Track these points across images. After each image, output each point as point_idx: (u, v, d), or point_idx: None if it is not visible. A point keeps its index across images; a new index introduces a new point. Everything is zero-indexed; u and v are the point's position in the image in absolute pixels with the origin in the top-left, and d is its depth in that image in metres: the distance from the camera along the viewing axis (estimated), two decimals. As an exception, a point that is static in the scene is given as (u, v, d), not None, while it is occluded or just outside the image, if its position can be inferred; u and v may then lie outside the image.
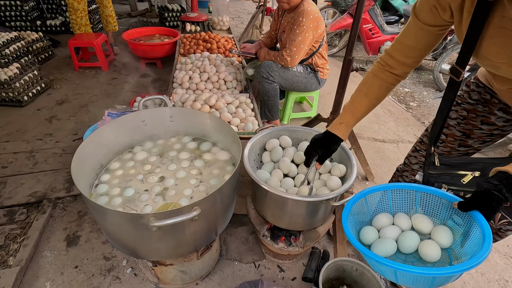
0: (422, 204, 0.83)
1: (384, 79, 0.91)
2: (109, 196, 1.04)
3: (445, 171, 0.86)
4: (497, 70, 0.73)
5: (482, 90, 0.95)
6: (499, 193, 0.64)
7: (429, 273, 0.62)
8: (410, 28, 0.82)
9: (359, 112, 0.95)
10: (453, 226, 0.77)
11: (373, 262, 0.71)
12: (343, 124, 0.97)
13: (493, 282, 1.44)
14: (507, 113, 0.90)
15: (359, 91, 0.96)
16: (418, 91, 3.66)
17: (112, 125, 1.15)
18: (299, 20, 1.85)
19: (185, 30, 3.42)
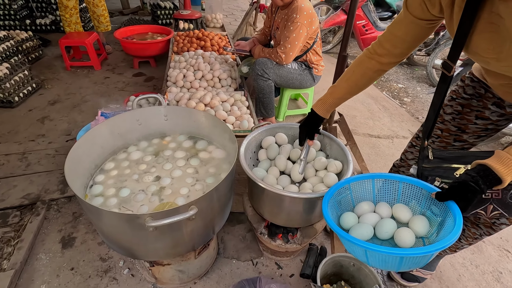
0: (404, 195, 0.86)
1: (369, 68, 0.94)
2: (104, 196, 1.02)
3: (439, 165, 0.86)
4: (487, 65, 0.74)
5: (476, 85, 0.95)
6: (476, 184, 0.66)
7: (395, 252, 0.66)
8: (401, 20, 0.83)
9: (337, 94, 1.04)
10: (431, 216, 0.80)
11: (346, 242, 0.75)
12: (321, 101, 1.07)
13: (488, 273, 1.47)
14: (501, 107, 0.91)
15: (343, 75, 1.01)
16: (412, 87, 3.69)
17: (106, 125, 1.13)
18: (293, 17, 1.84)
19: (178, 28, 3.38)
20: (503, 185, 0.66)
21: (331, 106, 1.07)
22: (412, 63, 4.30)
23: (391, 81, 3.80)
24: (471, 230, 1.08)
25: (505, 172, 0.64)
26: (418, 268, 0.75)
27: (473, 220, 1.06)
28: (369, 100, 3.14)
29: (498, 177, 0.65)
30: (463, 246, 1.16)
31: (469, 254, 1.55)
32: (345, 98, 1.04)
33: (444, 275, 1.43)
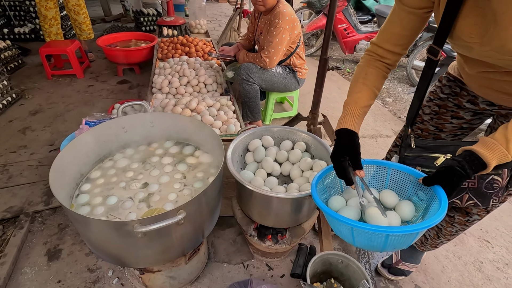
0: (392, 181, 0.88)
1: (378, 67, 0.90)
2: (91, 205, 1.01)
3: (420, 154, 0.89)
4: (470, 51, 0.75)
5: (452, 84, 1.00)
6: (462, 169, 0.68)
7: (381, 230, 0.67)
8: (395, 15, 0.82)
9: (362, 101, 0.88)
10: (417, 201, 0.82)
11: (333, 221, 0.75)
12: (348, 116, 0.87)
13: (469, 264, 1.53)
14: (475, 104, 0.95)
15: (355, 82, 0.91)
16: (393, 87, 3.81)
17: (91, 133, 1.12)
18: (275, 22, 1.88)
19: (162, 34, 3.38)
20: (488, 170, 0.68)
21: (360, 118, 0.88)
22: (393, 64, 4.43)
23: (373, 82, 3.90)
24: (447, 229, 1.14)
25: (490, 157, 0.66)
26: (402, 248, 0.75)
27: (448, 220, 1.12)
28: (353, 101, 3.21)
29: (483, 162, 0.67)
30: (442, 242, 1.22)
31: (452, 246, 1.61)
32: (370, 104, 0.90)
33: (429, 267, 1.48)
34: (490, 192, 0.82)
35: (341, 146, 0.85)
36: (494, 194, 0.82)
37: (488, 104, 0.92)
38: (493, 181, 0.80)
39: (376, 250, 0.75)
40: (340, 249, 1.53)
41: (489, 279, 1.46)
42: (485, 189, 0.82)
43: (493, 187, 0.81)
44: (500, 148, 0.66)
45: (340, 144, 0.85)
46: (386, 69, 0.91)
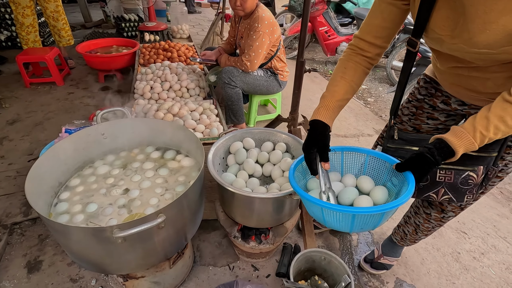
0: (370, 167, 0.92)
1: (358, 62, 0.90)
2: (70, 214, 1.00)
3: (402, 146, 0.92)
4: (441, 45, 0.77)
5: (428, 86, 1.03)
6: (431, 155, 0.72)
7: (347, 210, 0.70)
8: (376, 8, 0.84)
9: (338, 94, 0.89)
10: (391, 187, 0.85)
11: (306, 202, 0.79)
12: (322, 108, 0.89)
13: (448, 255, 1.59)
14: (447, 104, 0.99)
15: (334, 76, 0.92)
16: (374, 87, 3.91)
17: (69, 140, 1.11)
18: (255, 26, 1.91)
19: (144, 40, 3.36)
20: (455, 157, 0.71)
21: (334, 111, 0.89)
22: (373, 65, 4.56)
23: (355, 83, 4.00)
24: (424, 225, 1.19)
25: (458, 144, 0.70)
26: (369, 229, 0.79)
27: (425, 217, 1.17)
28: (335, 102, 3.28)
29: (451, 149, 0.70)
30: (420, 238, 1.27)
31: (431, 239, 1.67)
32: (347, 98, 0.91)
33: (409, 260, 1.53)
34: (465, 188, 0.86)
35: (312, 138, 0.87)
36: (468, 190, 0.86)
37: (459, 104, 0.96)
38: (469, 177, 0.84)
39: (344, 230, 0.78)
40: (324, 247, 1.57)
41: (466, 268, 1.53)
42: (460, 184, 0.85)
43: (468, 183, 0.85)
44: (468, 136, 0.69)
45: (311, 136, 0.87)
46: (367, 63, 0.91)
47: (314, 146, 0.85)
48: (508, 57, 0.67)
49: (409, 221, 1.26)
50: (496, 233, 1.77)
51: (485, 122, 0.68)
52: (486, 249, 1.65)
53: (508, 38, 0.61)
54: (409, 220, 1.26)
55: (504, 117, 0.67)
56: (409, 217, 1.26)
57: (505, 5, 0.59)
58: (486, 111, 0.69)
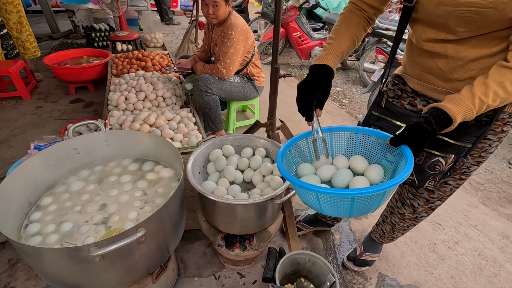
0: (362, 146, 0.87)
1: (360, 17, 0.91)
2: (43, 234, 0.95)
3: (385, 117, 0.91)
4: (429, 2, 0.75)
5: (395, 88, 1.04)
6: (428, 125, 0.68)
7: (345, 193, 0.65)
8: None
9: (344, 45, 0.88)
10: (386, 164, 0.81)
11: (299, 189, 0.74)
12: (330, 54, 0.86)
13: (425, 247, 1.66)
14: (413, 105, 0.99)
15: (339, 27, 0.91)
16: (348, 89, 4.05)
17: (39, 157, 1.06)
18: (228, 33, 1.93)
19: (116, 49, 3.28)
20: (453, 126, 0.69)
21: (338, 59, 0.87)
22: (346, 67, 4.73)
23: (330, 86, 4.11)
24: (400, 224, 1.25)
25: (456, 111, 0.67)
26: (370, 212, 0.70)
27: (400, 217, 1.22)
28: (312, 105, 3.36)
29: (449, 117, 0.68)
30: (397, 236, 1.33)
31: (409, 232, 1.73)
32: (347, 52, 0.90)
33: (390, 254, 1.58)
34: (430, 173, 0.88)
35: (317, 82, 0.83)
36: (432, 176, 0.88)
37: (424, 104, 0.97)
38: (437, 162, 0.85)
39: (344, 215, 0.73)
40: (308, 248, 1.59)
41: (442, 258, 1.60)
42: (427, 168, 0.86)
43: (435, 168, 0.86)
44: (467, 103, 0.67)
45: (316, 80, 0.83)
46: (366, 21, 0.91)
47: (318, 92, 0.81)
48: (493, 15, 0.65)
49: (386, 220, 1.31)
50: (467, 222, 1.87)
51: (483, 88, 0.67)
52: (459, 238, 1.74)
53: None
54: (386, 219, 1.32)
55: (503, 82, 0.66)
56: (386, 216, 1.31)
57: None
58: (484, 78, 0.68)
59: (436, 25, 0.79)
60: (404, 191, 1.17)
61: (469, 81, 0.76)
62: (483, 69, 0.75)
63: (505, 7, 0.64)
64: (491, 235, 1.79)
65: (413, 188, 1.12)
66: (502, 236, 1.79)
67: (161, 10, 6.06)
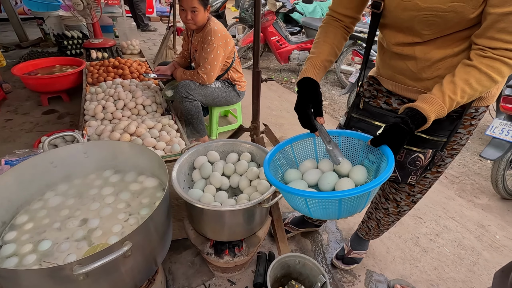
0: (344, 148, 0.90)
1: (337, 27, 0.95)
2: (19, 255, 0.89)
3: (364, 118, 0.95)
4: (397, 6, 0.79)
5: (371, 88, 1.10)
6: (405, 125, 0.73)
7: (333, 196, 0.67)
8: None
9: (322, 55, 0.92)
10: (368, 164, 0.84)
11: (287, 195, 0.75)
12: (310, 67, 0.92)
13: (408, 240, 1.72)
14: (389, 104, 1.05)
15: (317, 40, 0.96)
16: (327, 91, 4.14)
17: (11, 173, 1.00)
18: (208, 39, 1.92)
19: (90, 57, 3.17)
20: (428, 124, 0.74)
21: (321, 70, 0.92)
22: (324, 70, 4.83)
23: (309, 88, 4.19)
24: (384, 219, 1.29)
25: (429, 110, 0.72)
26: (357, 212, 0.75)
27: (384, 212, 1.26)
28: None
29: (424, 116, 0.72)
30: (383, 231, 1.37)
31: (392, 228, 1.77)
32: (330, 60, 0.94)
33: (376, 251, 1.62)
34: (412, 169, 0.92)
35: (305, 95, 0.87)
36: (414, 171, 0.93)
37: (399, 103, 1.03)
38: (417, 158, 0.90)
39: (333, 217, 0.75)
40: (297, 250, 1.59)
41: (425, 251, 1.66)
42: (408, 164, 0.91)
43: (415, 164, 0.91)
44: (438, 101, 0.72)
45: (304, 93, 0.87)
46: (344, 30, 0.95)
47: (309, 102, 0.85)
48: (453, 17, 0.71)
49: (372, 216, 1.35)
50: (446, 214, 1.95)
51: (452, 86, 0.72)
52: (440, 230, 1.82)
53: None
54: (371, 216, 1.35)
55: (469, 79, 0.71)
56: (371, 213, 1.35)
57: None
58: (451, 77, 0.73)
59: (403, 29, 0.84)
60: (386, 187, 1.21)
61: (438, 79, 0.81)
62: (448, 68, 0.81)
63: (463, 10, 0.68)
64: (468, 225, 1.88)
65: (395, 184, 1.16)
66: (478, 226, 1.89)
67: (136, 17, 5.95)
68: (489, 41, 0.68)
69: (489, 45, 0.68)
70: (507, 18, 0.63)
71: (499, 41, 0.66)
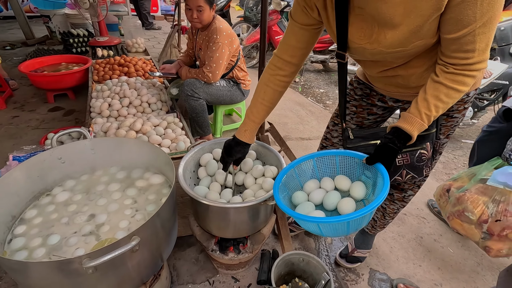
0: (342, 166, 0.97)
1: (275, 86, 1.02)
2: (29, 249, 0.91)
3: (360, 143, 1.00)
4: (363, 53, 0.85)
5: (362, 86, 1.15)
6: (393, 144, 0.81)
7: (342, 219, 0.75)
8: (290, 30, 0.93)
9: (259, 119, 1.07)
10: (366, 180, 0.92)
11: (300, 221, 0.83)
12: (248, 131, 1.09)
13: (412, 240, 1.72)
14: (384, 102, 1.12)
15: (255, 100, 1.06)
16: (331, 90, 4.13)
17: (21, 169, 1.02)
18: (213, 38, 1.93)
19: (96, 55, 3.20)
20: (413, 140, 0.81)
21: (254, 131, 1.10)
22: (328, 69, 4.83)
23: (313, 88, 4.19)
24: (390, 207, 1.28)
25: (411, 129, 0.79)
26: (363, 227, 0.88)
27: (389, 198, 1.26)
28: (297, 107, 3.41)
29: (408, 134, 0.80)
30: (388, 222, 1.36)
31: (396, 227, 1.79)
32: (265, 118, 1.10)
33: (380, 250, 1.62)
34: (421, 164, 0.96)
35: (237, 150, 1.11)
36: (424, 165, 0.97)
37: (394, 101, 1.09)
38: (421, 154, 0.95)
39: (342, 235, 0.84)
40: (301, 248, 1.60)
41: (429, 250, 1.66)
42: (416, 162, 0.96)
43: (422, 159, 0.95)
44: (416, 120, 0.79)
45: (237, 149, 1.11)
46: (283, 84, 1.02)
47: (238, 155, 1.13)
48: (418, 49, 0.78)
49: None
50: (450, 215, 1.95)
51: (425, 103, 0.78)
52: (443, 230, 1.81)
53: (414, 35, 0.72)
54: None
55: (439, 95, 0.77)
56: None
57: (404, 9, 0.69)
58: (424, 94, 0.79)
59: (377, 63, 0.92)
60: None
61: (425, 80, 0.84)
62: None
63: (425, 43, 0.76)
64: (472, 226, 1.87)
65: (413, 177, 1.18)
66: (482, 227, 1.88)
67: (141, 15, 5.98)
68: (448, 58, 0.75)
69: (449, 61, 0.75)
70: (457, 41, 0.70)
71: (456, 58, 0.73)
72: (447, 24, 0.69)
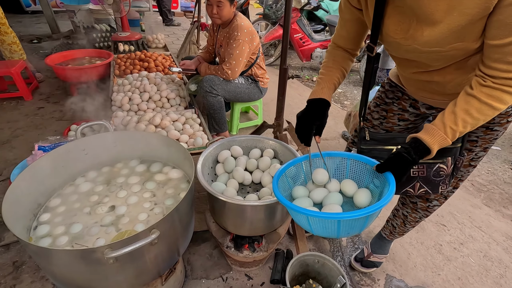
0: (352, 170, 0.93)
1: (343, 51, 0.99)
2: (53, 236, 0.94)
3: (375, 146, 0.96)
4: (398, 48, 0.82)
5: (394, 89, 1.10)
6: (408, 155, 0.75)
7: (332, 216, 0.71)
8: (340, 21, 0.94)
9: (333, 78, 0.96)
10: (373, 188, 0.87)
11: (292, 212, 0.79)
12: (325, 88, 0.95)
13: (431, 248, 1.66)
14: (416, 108, 1.06)
15: (326, 63, 0.99)
16: (350, 91, 4.06)
17: (47, 158, 1.05)
18: (234, 35, 1.93)
19: (118, 50, 3.27)
20: (431, 154, 0.75)
21: (331, 91, 0.96)
22: (347, 69, 4.73)
23: (331, 87, 4.12)
24: (412, 215, 1.23)
25: (431, 142, 0.73)
26: (355, 233, 0.80)
27: (412, 206, 1.21)
28: (314, 106, 3.36)
29: (427, 147, 0.74)
30: (408, 230, 1.32)
31: (415, 233, 1.74)
32: (339, 82, 0.98)
33: (397, 256, 1.58)
34: (438, 180, 0.91)
35: (314, 114, 0.92)
36: (441, 181, 0.91)
37: (427, 108, 1.02)
38: (439, 169, 0.89)
39: (332, 236, 0.79)
40: (315, 249, 1.58)
41: (448, 259, 1.60)
42: (433, 177, 0.90)
43: (439, 174, 0.90)
44: (440, 133, 0.73)
45: (313, 112, 0.92)
46: (349, 55, 0.99)
47: (317, 120, 0.91)
48: (456, 53, 0.72)
49: (397, 213, 1.30)
50: (471, 224, 1.87)
51: (452, 117, 0.73)
52: (464, 239, 1.74)
53: (454, 35, 0.67)
54: (397, 213, 1.30)
55: (469, 110, 0.71)
56: (397, 210, 1.30)
57: (447, 5, 0.64)
58: (453, 106, 0.74)
59: (411, 62, 0.86)
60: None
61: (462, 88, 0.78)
62: None
63: (465, 46, 0.70)
64: (495, 236, 1.80)
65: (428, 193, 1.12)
66: (506, 237, 1.80)
67: (161, 12, 6.07)
68: (487, 69, 0.68)
69: (488, 73, 0.68)
70: (500, 49, 0.64)
71: (496, 70, 0.67)
72: (493, 28, 0.63)
